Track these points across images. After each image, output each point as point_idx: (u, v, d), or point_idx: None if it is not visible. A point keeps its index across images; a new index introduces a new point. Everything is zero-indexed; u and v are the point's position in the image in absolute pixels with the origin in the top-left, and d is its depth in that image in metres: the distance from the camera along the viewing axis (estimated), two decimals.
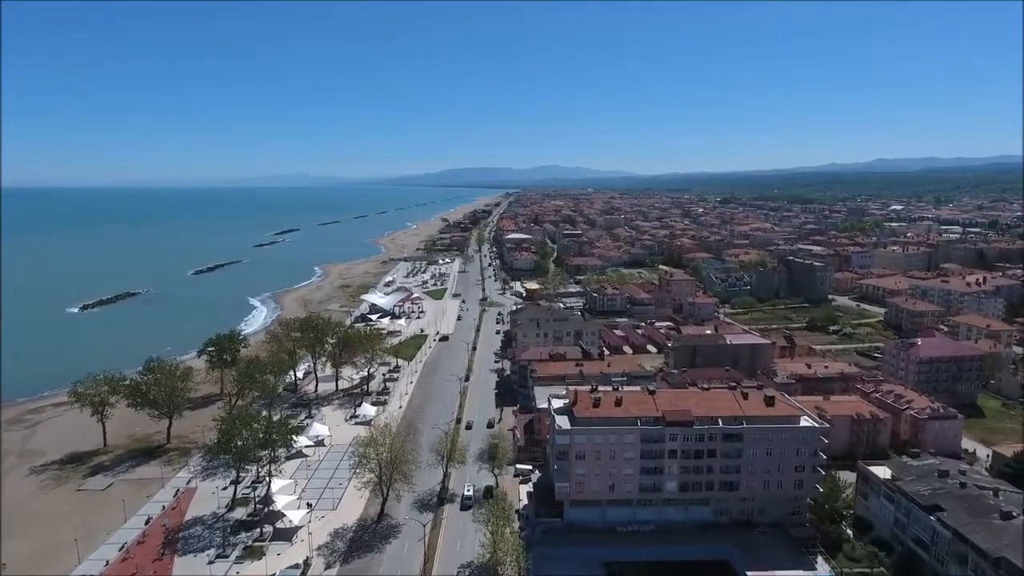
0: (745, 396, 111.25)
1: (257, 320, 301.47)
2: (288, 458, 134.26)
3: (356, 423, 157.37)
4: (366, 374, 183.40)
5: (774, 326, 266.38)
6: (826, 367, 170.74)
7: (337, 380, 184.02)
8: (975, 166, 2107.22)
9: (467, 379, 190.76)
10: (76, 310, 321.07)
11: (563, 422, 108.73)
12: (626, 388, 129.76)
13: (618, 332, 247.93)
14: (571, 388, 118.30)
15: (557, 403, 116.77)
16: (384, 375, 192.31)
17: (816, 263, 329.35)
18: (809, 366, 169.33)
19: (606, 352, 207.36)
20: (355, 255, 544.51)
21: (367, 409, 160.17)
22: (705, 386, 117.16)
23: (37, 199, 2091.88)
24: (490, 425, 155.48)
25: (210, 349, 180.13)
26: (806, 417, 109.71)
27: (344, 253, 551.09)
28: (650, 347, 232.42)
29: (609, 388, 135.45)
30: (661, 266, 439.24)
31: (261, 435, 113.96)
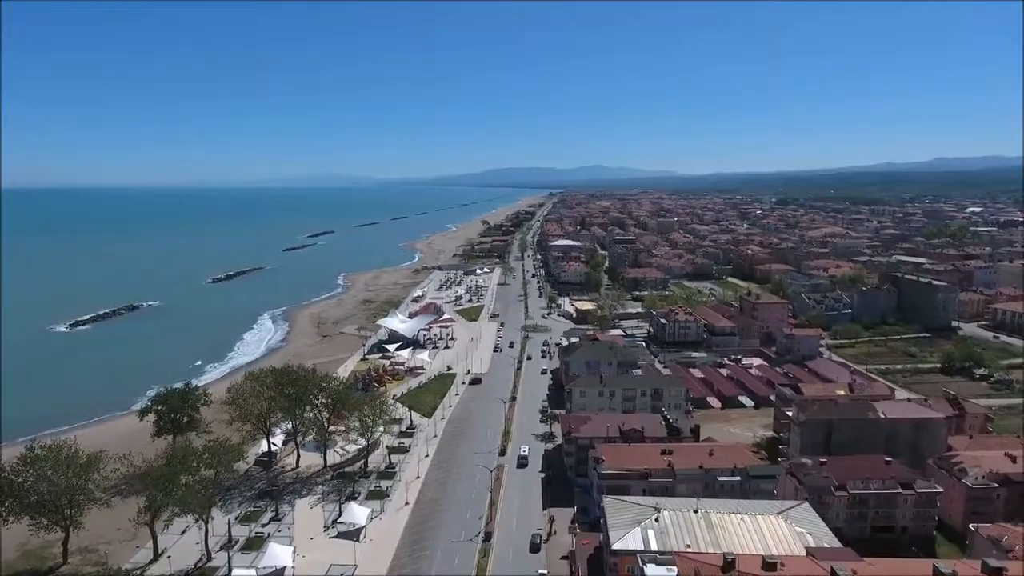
0: None
1: (262, 343, 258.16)
2: None
3: (338, 534, 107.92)
4: (365, 443, 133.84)
5: (898, 367, 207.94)
6: None
7: (325, 454, 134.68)
8: None
9: (503, 452, 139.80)
10: (63, 328, 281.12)
11: None
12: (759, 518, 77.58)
13: (697, 374, 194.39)
14: (685, 556, 65.90)
15: None
16: (389, 445, 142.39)
17: (936, 281, 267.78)
18: (1014, 459, 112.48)
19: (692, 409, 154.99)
20: (387, 261, 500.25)
21: (355, 513, 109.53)
22: (916, 549, 63.20)
23: (82, 199, 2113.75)
24: (534, 548, 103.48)
25: (158, 408, 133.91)
26: None
27: (375, 259, 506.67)
28: (742, 398, 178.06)
29: (724, 511, 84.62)
30: (731, 279, 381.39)
31: None
